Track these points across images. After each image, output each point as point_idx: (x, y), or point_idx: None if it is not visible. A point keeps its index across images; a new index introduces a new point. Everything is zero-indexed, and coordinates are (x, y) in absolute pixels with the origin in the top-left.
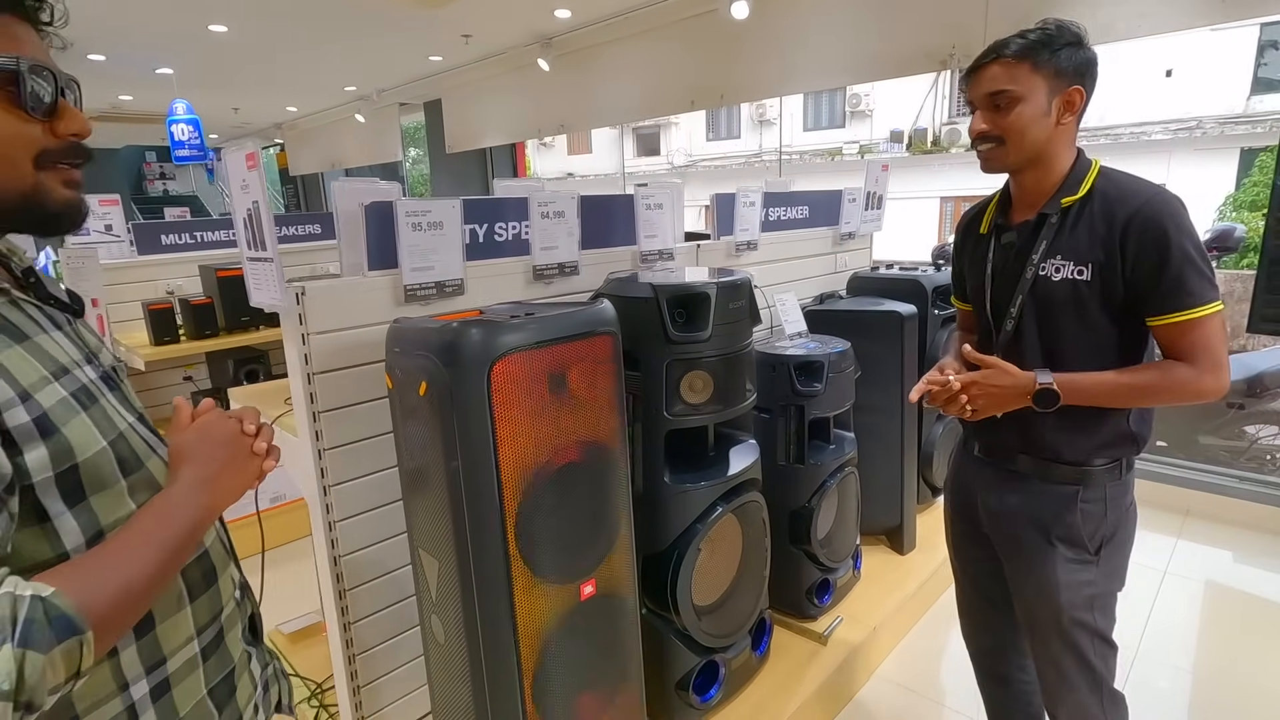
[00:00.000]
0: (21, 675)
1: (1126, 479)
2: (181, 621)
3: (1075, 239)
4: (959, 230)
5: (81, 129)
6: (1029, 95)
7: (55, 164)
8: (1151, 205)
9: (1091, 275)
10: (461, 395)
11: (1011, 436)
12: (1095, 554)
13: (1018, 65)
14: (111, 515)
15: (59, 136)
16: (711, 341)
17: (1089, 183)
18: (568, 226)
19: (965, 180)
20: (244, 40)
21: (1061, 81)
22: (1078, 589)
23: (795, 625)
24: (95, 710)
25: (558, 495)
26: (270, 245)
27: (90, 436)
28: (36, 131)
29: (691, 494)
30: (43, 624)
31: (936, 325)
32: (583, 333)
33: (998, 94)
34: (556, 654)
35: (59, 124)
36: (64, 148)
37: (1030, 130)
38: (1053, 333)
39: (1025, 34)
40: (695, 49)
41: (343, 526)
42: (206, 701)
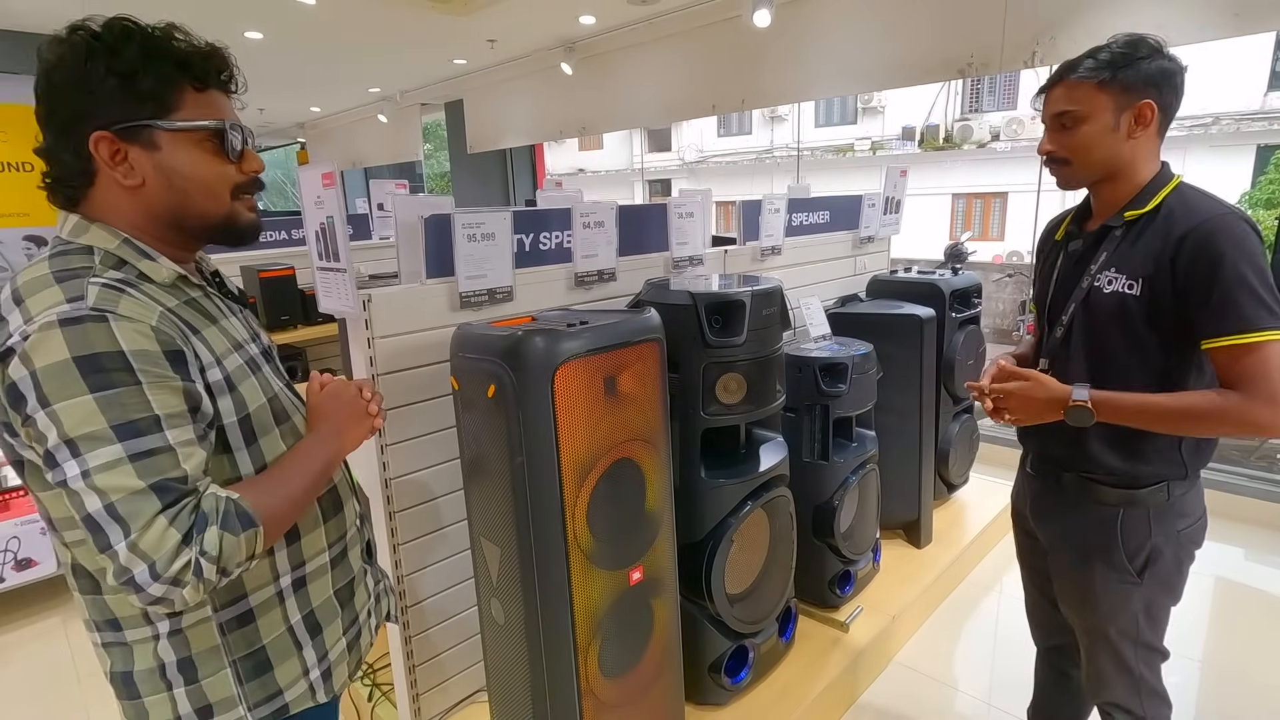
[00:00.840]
0: (221, 548)
1: (1177, 504)
2: (317, 537)
3: (1132, 253)
4: (1041, 236)
5: (259, 167)
6: (1093, 114)
7: (242, 194)
8: (1211, 224)
9: (1141, 290)
10: (527, 397)
11: (1058, 453)
12: (1138, 575)
13: (1081, 85)
14: (272, 453)
15: (245, 174)
16: (745, 346)
17: (1160, 198)
18: (607, 235)
19: (977, 177)
20: (277, 47)
21: (1131, 96)
22: (1121, 607)
23: (818, 614)
24: (258, 590)
25: (610, 488)
26: (344, 257)
27: (257, 394)
28: (232, 171)
29: (725, 489)
30: (233, 515)
31: (954, 328)
32: (633, 340)
33: (1063, 114)
34: (608, 635)
35: (245, 164)
36: (248, 181)
37: (1096, 148)
38: (1098, 346)
39: (1095, 53)
40: (717, 55)
41: (401, 517)
42: (333, 599)
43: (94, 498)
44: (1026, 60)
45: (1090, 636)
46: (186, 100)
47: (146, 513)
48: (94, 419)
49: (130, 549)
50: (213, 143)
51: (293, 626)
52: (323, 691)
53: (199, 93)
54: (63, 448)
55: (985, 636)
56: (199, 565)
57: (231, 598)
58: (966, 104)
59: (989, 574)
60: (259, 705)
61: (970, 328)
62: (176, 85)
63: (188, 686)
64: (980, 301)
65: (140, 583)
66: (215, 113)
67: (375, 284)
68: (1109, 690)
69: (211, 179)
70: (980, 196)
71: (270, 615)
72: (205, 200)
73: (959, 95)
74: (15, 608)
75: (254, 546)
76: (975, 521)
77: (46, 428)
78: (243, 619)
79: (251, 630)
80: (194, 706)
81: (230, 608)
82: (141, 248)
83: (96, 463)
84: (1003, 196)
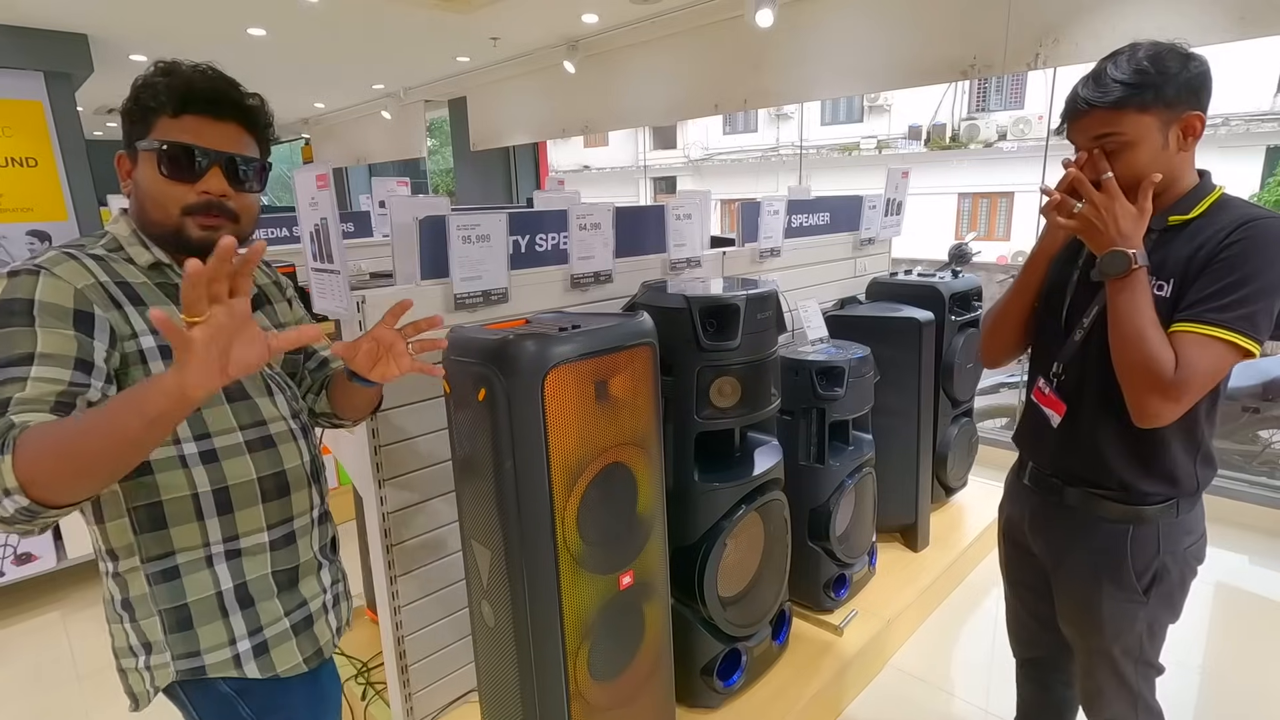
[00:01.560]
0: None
1: (1185, 520)
2: (253, 515)
3: (1166, 255)
4: None
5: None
6: (1141, 139)
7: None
8: (1254, 224)
9: (1171, 292)
10: (517, 401)
11: (1066, 464)
12: (1145, 594)
13: (1121, 113)
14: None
15: (197, 194)
16: (740, 349)
17: (1204, 206)
18: (604, 237)
19: (983, 177)
20: (280, 43)
21: (1175, 110)
22: (1127, 626)
23: (813, 617)
24: (185, 550)
25: (601, 492)
26: (338, 259)
27: None
28: (181, 190)
29: (719, 492)
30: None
31: (953, 331)
32: (626, 344)
33: (1104, 137)
34: (597, 638)
35: (198, 185)
36: (199, 203)
37: (1149, 169)
38: None
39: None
40: (719, 54)
41: (394, 517)
42: (269, 579)
43: None
44: (1030, 62)
45: (1092, 655)
46: (159, 124)
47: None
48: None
49: None
50: (167, 164)
51: (221, 593)
52: (254, 666)
53: (173, 118)
54: None
55: (982, 641)
56: None
57: (161, 552)
58: (973, 103)
59: (986, 578)
60: (180, 658)
61: (970, 331)
62: (156, 111)
63: (130, 623)
64: (981, 304)
65: None
66: (185, 137)
67: (373, 284)
68: (1107, 708)
69: (159, 195)
70: (986, 196)
71: (197, 576)
72: (155, 213)
73: (966, 94)
74: (14, 602)
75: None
76: (973, 525)
77: None
78: (167, 574)
79: (176, 586)
80: (138, 640)
81: (156, 561)
82: (142, 238)
83: None
84: (1009, 196)
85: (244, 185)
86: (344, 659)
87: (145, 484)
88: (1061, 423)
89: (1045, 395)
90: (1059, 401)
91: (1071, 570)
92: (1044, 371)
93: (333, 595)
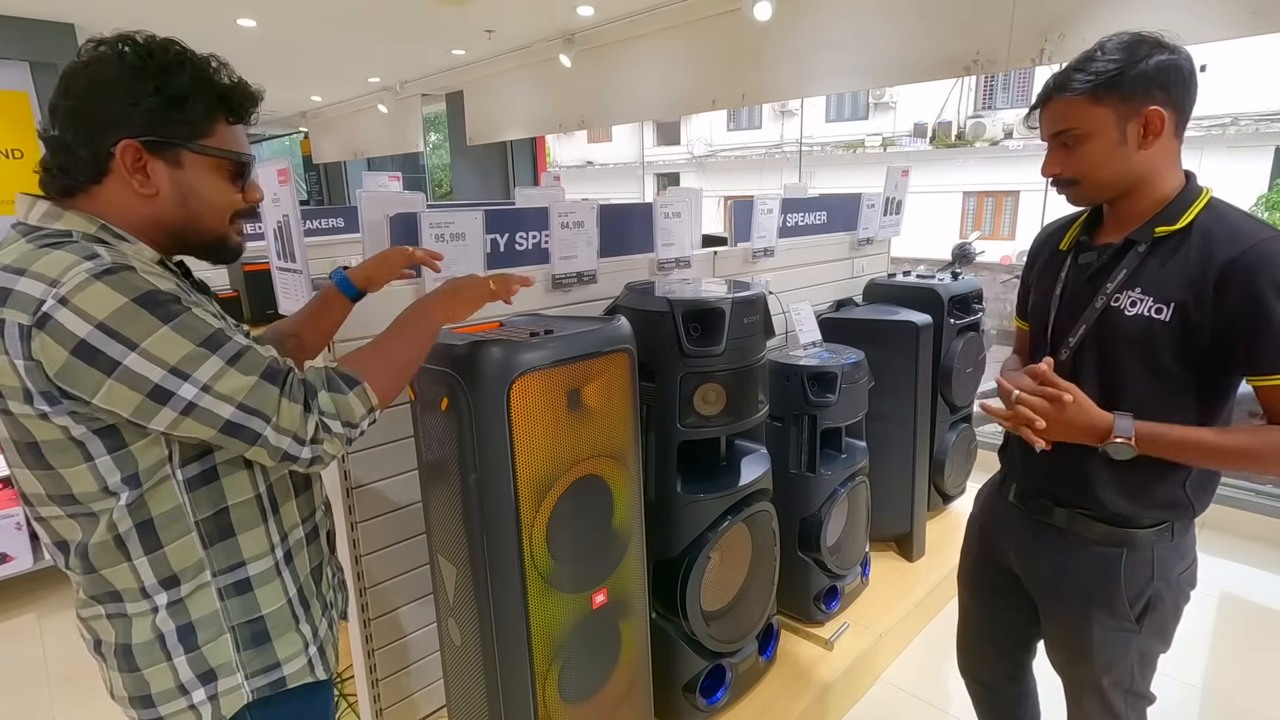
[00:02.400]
0: (336, 407)
1: (1180, 544)
2: (291, 509)
3: (1162, 274)
4: (1036, 242)
5: (259, 198)
6: (1094, 131)
7: (238, 219)
8: (1260, 251)
9: (1172, 316)
10: (481, 411)
11: (1053, 486)
12: (1137, 622)
13: (1074, 103)
14: None
15: (246, 202)
16: (725, 355)
17: (1191, 214)
18: (587, 236)
19: (989, 175)
20: (271, 34)
21: (1133, 104)
22: (1117, 656)
23: (802, 630)
24: (256, 559)
25: (573, 507)
26: (300, 258)
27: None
28: (238, 198)
29: (702, 504)
30: (337, 379)
31: (952, 335)
32: (601, 351)
33: (1062, 133)
34: (568, 659)
35: (247, 194)
36: (247, 210)
37: (1105, 166)
38: (1114, 372)
39: (1085, 64)
40: (717, 49)
41: (364, 527)
42: (310, 578)
43: (224, 405)
44: (1034, 58)
45: (1080, 685)
46: (218, 130)
47: (272, 397)
48: (182, 344)
49: (276, 430)
50: (231, 171)
51: (290, 600)
52: (321, 668)
53: (230, 125)
54: (170, 377)
55: None
56: (324, 424)
57: (230, 564)
58: (980, 100)
59: None
60: (256, 675)
61: (970, 334)
62: (214, 116)
63: (188, 654)
64: (981, 307)
65: (293, 453)
66: (238, 145)
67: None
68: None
69: (221, 203)
70: (992, 195)
71: (270, 586)
72: (211, 220)
73: (972, 91)
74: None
75: (369, 400)
76: None
77: (146, 368)
78: (240, 586)
79: (250, 599)
80: (195, 673)
81: (228, 574)
82: (119, 233)
83: (207, 376)
84: (1014, 195)
85: None
86: None
87: (213, 490)
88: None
89: None
90: None
91: (1062, 596)
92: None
93: (335, 585)
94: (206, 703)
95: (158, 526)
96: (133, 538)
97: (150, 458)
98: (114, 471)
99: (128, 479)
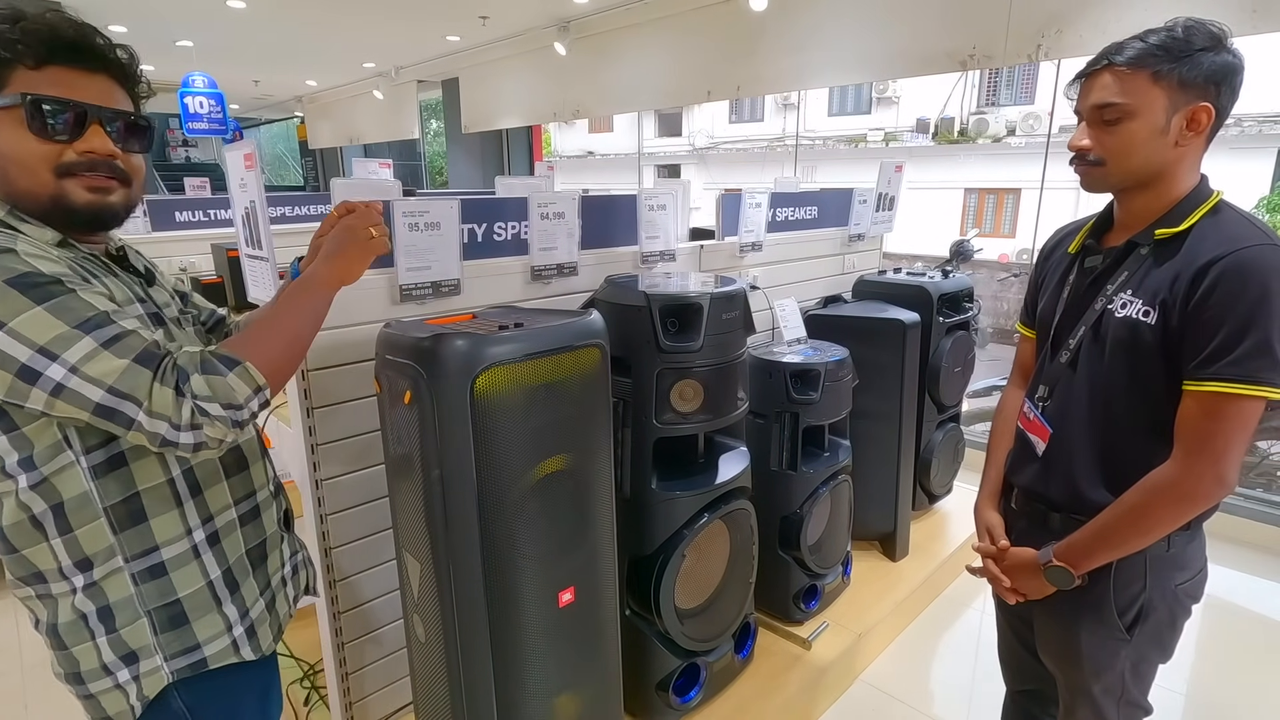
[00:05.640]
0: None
1: (1180, 555)
2: (220, 492)
3: (1155, 276)
4: (1046, 246)
5: (97, 147)
6: (1142, 110)
7: (77, 174)
8: (1245, 255)
9: (1156, 319)
10: (444, 406)
11: (1048, 491)
12: (1128, 631)
13: (1133, 75)
14: None
15: (77, 153)
16: (703, 352)
17: (1195, 218)
18: (568, 227)
19: (991, 172)
20: (261, 15)
21: (1187, 95)
22: (1108, 664)
23: (780, 629)
24: (170, 544)
25: (539, 505)
26: (266, 245)
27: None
28: (56, 150)
29: (678, 501)
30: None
31: (941, 333)
32: (571, 345)
33: (1105, 107)
34: (532, 659)
35: (78, 144)
36: (81, 162)
37: (1140, 152)
38: (1107, 379)
39: (1146, 36)
40: (713, 39)
41: (334, 520)
42: (244, 559)
43: (93, 388)
44: (1031, 54)
45: (1072, 692)
46: (16, 78)
47: (144, 381)
48: (55, 324)
49: (149, 415)
50: (34, 121)
51: (212, 582)
52: (248, 648)
53: (34, 70)
54: (38, 357)
55: (961, 657)
56: (200, 409)
57: (142, 549)
58: (983, 97)
59: (967, 590)
60: (175, 656)
61: (959, 333)
62: (9, 63)
63: (108, 635)
64: (971, 306)
65: (171, 439)
66: (55, 91)
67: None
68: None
69: (25, 156)
70: (993, 192)
71: (186, 570)
72: (22, 178)
73: (975, 88)
74: None
75: (253, 380)
76: (957, 534)
77: (13, 348)
78: (154, 570)
79: (165, 583)
80: (117, 654)
81: (141, 559)
82: (21, 216)
83: (77, 357)
84: (1015, 193)
85: (130, 145)
86: (291, 660)
87: (121, 477)
88: (1047, 449)
89: (1030, 420)
90: (1044, 427)
91: (1050, 601)
92: (1031, 395)
93: (291, 566)
94: (131, 682)
95: (67, 511)
96: (48, 518)
97: (45, 440)
98: (11, 453)
99: (23, 461)
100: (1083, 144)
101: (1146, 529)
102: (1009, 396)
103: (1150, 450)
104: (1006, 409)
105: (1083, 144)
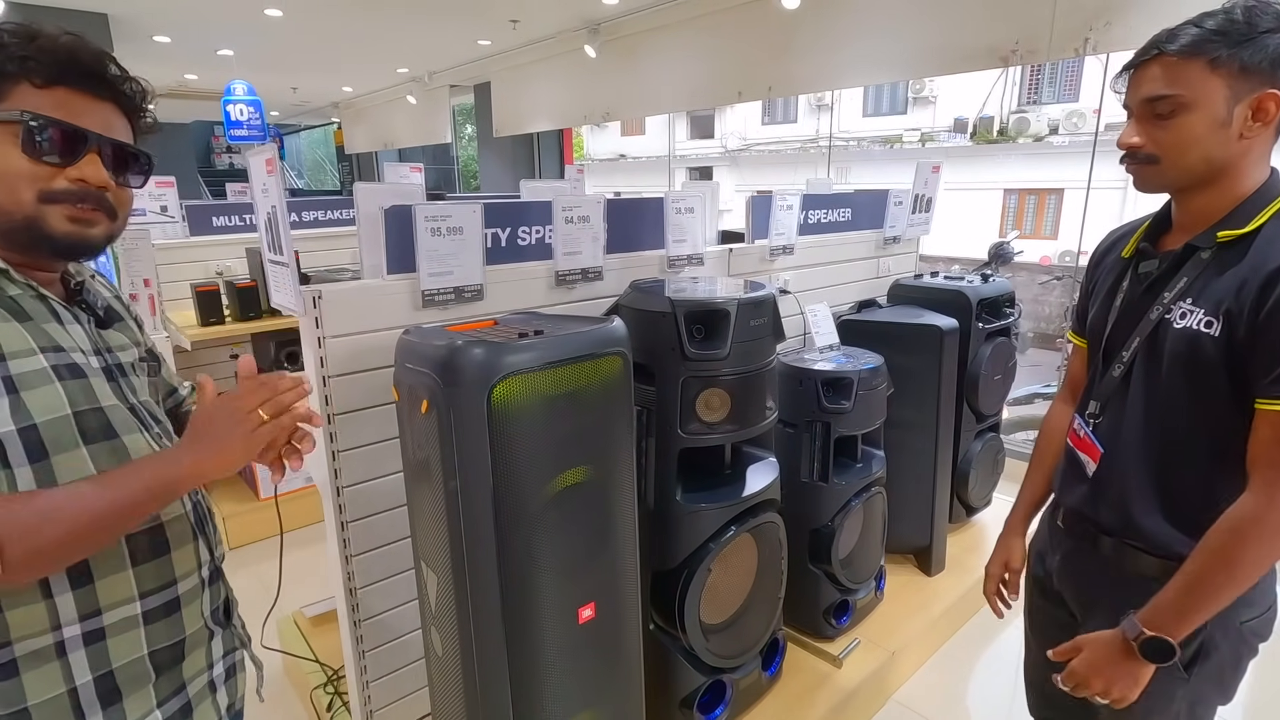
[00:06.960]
0: None
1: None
2: (121, 582)
3: (1219, 282)
4: (1098, 251)
5: (90, 176)
6: (1199, 102)
7: (62, 202)
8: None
9: (1220, 330)
10: (460, 416)
11: (1097, 513)
12: (1185, 670)
13: (1187, 63)
14: (68, 475)
15: (69, 180)
16: (730, 359)
17: (1264, 217)
18: (593, 231)
19: (1031, 172)
20: (298, 23)
21: (1250, 82)
22: (1161, 705)
23: (810, 645)
24: (26, 639)
25: (559, 518)
26: (286, 250)
27: (56, 403)
28: (45, 173)
29: (704, 514)
30: None
31: (980, 339)
32: (592, 353)
33: (1157, 100)
34: (551, 675)
35: (71, 170)
36: (71, 190)
37: (1198, 147)
38: (1165, 396)
39: (1201, 20)
40: (744, 39)
41: (355, 527)
42: (145, 661)
43: None
44: (1077, 48)
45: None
46: (17, 93)
47: None
48: None
49: None
50: (27, 139)
51: (77, 689)
52: None
53: (40, 89)
54: None
55: (999, 677)
56: None
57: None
58: (1024, 94)
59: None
60: None
61: (999, 340)
62: (12, 77)
63: None
64: (1012, 311)
65: None
66: (58, 113)
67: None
68: None
69: (8, 173)
70: (1034, 193)
71: (41, 671)
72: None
73: (1016, 85)
74: None
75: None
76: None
77: None
78: (5, 670)
79: (13, 686)
80: None
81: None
82: None
83: None
84: (1058, 193)
85: (125, 179)
86: (315, 665)
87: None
88: (1097, 469)
89: (1080, 438)
90: (1094, 445)
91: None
92: (1081, 411)
93: (224, 668)
94: None
95: None
96: None
97: None
98: None
99: None
100: (1133, 141)
101: (1241, 574)
102: (1056, 411)
103: (1211, 475)
104: (1052, 425)
105: (1133, 141)
